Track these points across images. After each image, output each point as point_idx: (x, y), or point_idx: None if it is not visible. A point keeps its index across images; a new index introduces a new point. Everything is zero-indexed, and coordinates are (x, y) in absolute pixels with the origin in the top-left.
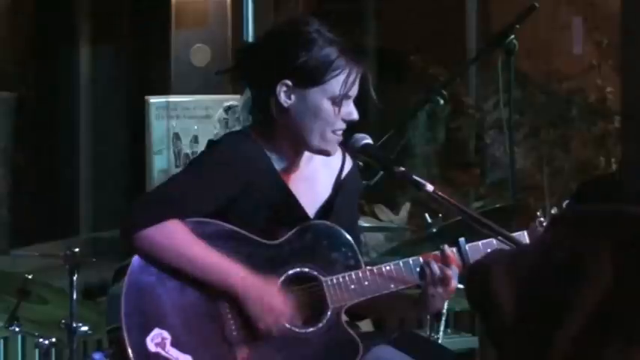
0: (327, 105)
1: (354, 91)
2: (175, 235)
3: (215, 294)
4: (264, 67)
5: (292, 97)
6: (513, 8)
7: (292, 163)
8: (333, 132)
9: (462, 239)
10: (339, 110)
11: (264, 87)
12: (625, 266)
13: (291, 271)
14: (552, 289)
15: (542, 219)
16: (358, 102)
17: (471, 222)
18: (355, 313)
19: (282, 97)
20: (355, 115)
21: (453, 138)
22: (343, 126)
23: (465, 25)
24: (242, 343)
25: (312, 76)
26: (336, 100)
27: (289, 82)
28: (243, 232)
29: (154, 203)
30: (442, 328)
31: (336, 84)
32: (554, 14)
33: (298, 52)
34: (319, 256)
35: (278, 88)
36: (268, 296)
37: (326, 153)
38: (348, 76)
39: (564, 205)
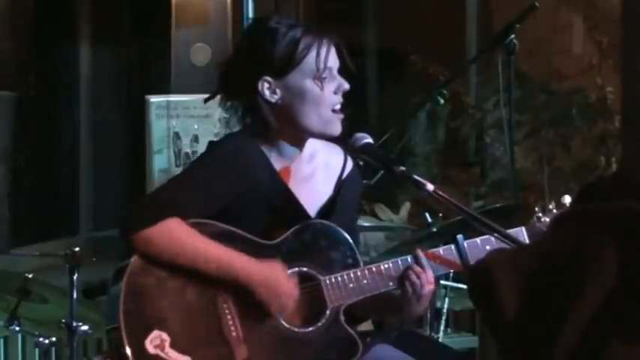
0: (310, 85)
1: (332, 62)
2: (176, 232)
3: (214, 294)
4: (241, 73)
5: (277, 90)
6: (513, 8)
7: (292, 163)
8: (332, 111)
9: (459, 236)
10: (323, 86)
11: (248, 92)
12: (628, 264)
13: (289, 271)
14: (555, 288)
15: (540, 215)
16: (351, 84)
17: (471, 221)
18: (353, 315)
19: (268, 94)
20: (346, 85)
21: (453, 138)
22: (338, 101)
23: (464, 25)
24: (241, 343)
25: (285, 62)
26: (317, 76)
27: (268, 78)
28: (241, 232)
29: (154, 204)
30: (442, 327)
31: (310, 61)
32: (554, 14)
33: (264, 44)
34: (317, 255)
35: (260, 86)
36: (274, 279)
37: (329, 135)
38: (319, 49)
39: (562, 200)
